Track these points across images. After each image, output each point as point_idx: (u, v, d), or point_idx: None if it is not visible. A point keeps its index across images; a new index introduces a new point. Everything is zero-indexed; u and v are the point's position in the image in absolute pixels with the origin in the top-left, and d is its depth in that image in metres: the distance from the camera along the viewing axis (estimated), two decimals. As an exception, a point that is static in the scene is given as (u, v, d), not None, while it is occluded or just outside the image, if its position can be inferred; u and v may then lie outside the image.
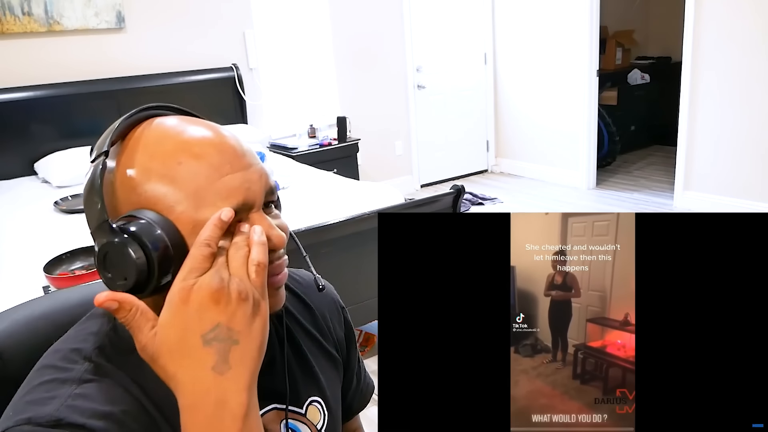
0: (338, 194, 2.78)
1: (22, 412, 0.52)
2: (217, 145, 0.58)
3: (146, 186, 0.56)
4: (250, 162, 0.59)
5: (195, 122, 0.60)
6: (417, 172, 5.15)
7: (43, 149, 3.30)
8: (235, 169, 0.57)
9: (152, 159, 0.57)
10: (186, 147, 0.57)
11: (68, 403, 0.53)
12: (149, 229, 0.54)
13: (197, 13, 3.86)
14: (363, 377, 0.88)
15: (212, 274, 0.53)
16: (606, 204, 4.50)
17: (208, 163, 0.56)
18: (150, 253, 0.53)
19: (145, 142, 0.58)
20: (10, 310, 0.75)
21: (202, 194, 0.56)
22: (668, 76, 5.29)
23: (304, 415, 0.71)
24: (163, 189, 0.56)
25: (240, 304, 0.53)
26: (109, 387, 0.56)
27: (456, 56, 5.19)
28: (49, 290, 1.82)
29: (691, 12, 3.88)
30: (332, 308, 0.81)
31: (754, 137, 3.76)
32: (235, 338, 0.52)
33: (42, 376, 0.56)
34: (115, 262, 0.53)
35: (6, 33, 3.26)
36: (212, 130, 0.60)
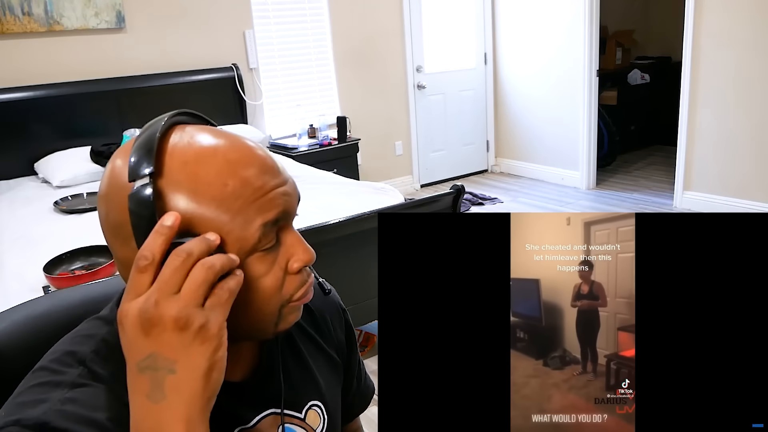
0: (338, 194, 2.78)
1: (13, 413, 0.53)
2: (258, 163, 0.57)
3: (195, 210, 0.53)
4: (286, 177, 0.59)
5: (225, 136, 0.58)
6: (417, 172, 5.15)
7: (43, 149, 3.30)
8: (277, 185, 0.57)
9: (196, 182, 0.53)
10: (230, 168, 0.55)
11: (57, 407, 0.53)
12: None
13: (197, 13, 3.86)
14: (363, 379, 0.87)
15: (144, 299, 0.49)
16: (606, 204, 4.50)
17: (251, 183, 0.55)
18: None
19: (183, 162, 0.54)
20: (10, 310, 0.75)
21: (245, 211, 0.54)
22: (668, 76, 5.29)
23: (304, 419, 0.70)
24: (209, 213, 0.53)
25: (175, 333, 0.48)
26: (100, 393, 0.56)
27: (456, 56, 5.19)
28: (49, 290, 1.82)
29: (691, 12, 3.88)
30: (334, 311, 0.81)
31: (753, 137, 3.76)
32: (171, 367, 0.48)
33: (36, 378, 0.56)
34: None
35: (6, 33, 3.26)
36: (247, 147, 0.58)
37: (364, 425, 0.92)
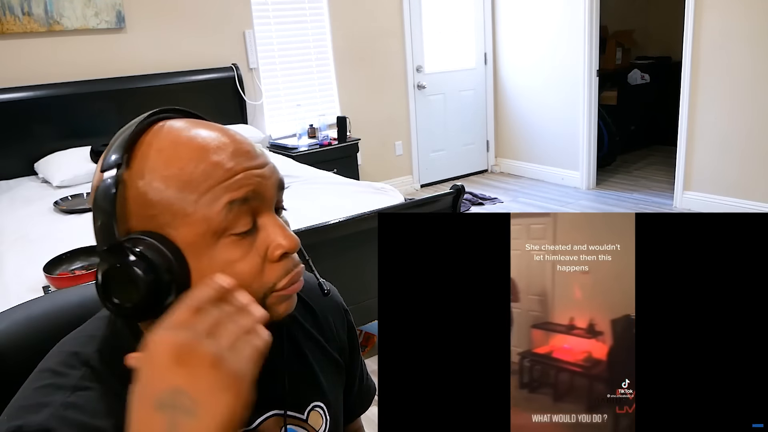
0: (338, 194, 2.78)
1: (16, 418, 0.52)
2: (230, 146, 0.58)
3: (164, 194, 0.55)
4: (263, 161, 0.59)
5: (206, 126, 0.60)
6: (417, 172, 5.15)
7: (43, 149, 3.30)
8: (248, 167, 0.57)
9: (168, 167, 0.55)
10: (202, 152, 0.56)
11: (59, 413, 0.53)
12: (159, 255, 0.53)
13: (197, 13, 3.86)
14: (365, 380, 0.87)
15: (185, 331, 0.47)
16: (606, 204, 4.50)
17: (222, 162, 0.56)
18: (159, 278, 0.53)
19: (158, 150, 0.56)
20: (10, 310, 0.75)
21: (215, 191, 0.55)
22: (668, 76, 5.29)
23: (306, 420, 0.70)
24: (180, 195, 0.55)
25: (210, 371, 0.46)
26: (102, 396, 0.56)
27: (456, 56, 5.19)
28: (49, 290, 1.82)
29: (690, 12, 3.88)
30: (336, 311, 0.81)
31: (754, 137, 3.76)
32: (192, 409, 0.45)
33: (40, 380, 0.56)
34: (120, 283, 0.53)
35: (6, 33, 3.26)
36: (225, 133, 0.59)
37: (364, 425, 0.92)
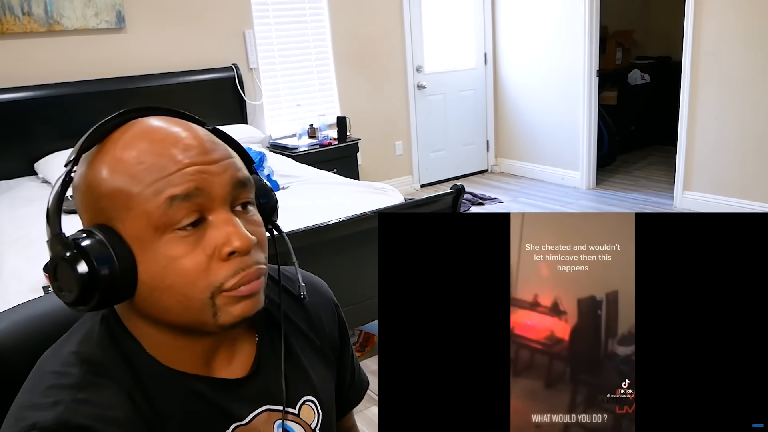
0: (338, 194, 2.78)
1: (25, 419, 0.53)
2: (182, 142, 0.57)
3: (111, 186, 0.56)
4: (214, 158, 0.58)
5: (171, 122, 0.60)
6: (417, 172, 5.15)
7: (43, 149, 3.30)
8: (195, 163, 0.57)
9: (121, 160, 0.56)
10: (152, 146, 0.57)
11: (72, 407, 0.53)
12: (100, 247, 0.55)
13: (197, 13, 3.86)
14: (357, 373, 0.87)
15: None
16: (606, 204, 4.50)
17: (170, 157, 0.56)
18: (96, 270, 0.54)
19: (121, 144, 0.57)
20: (10, 310, 0.75)
21: (158, 185, 0.55)
22: (668, 76, 5.29)
23: (298, 414, 0.71)
24: (125, 188, 0.56)
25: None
26: (107, 390, 0.56)
27: (456, 56, 5.18)
28: (49, 290, 1.81)
29: (691, 12, 3.88)
30: (327, 307, 0.81)
31: (754, 137, 3.76)
32: None
33: (42, 381, 0.56)
34: (63, 273, 0.55)
35: (6, 33, 3.26)
36: (183, 127, 0.59)
37: (364, 425, 0.92)
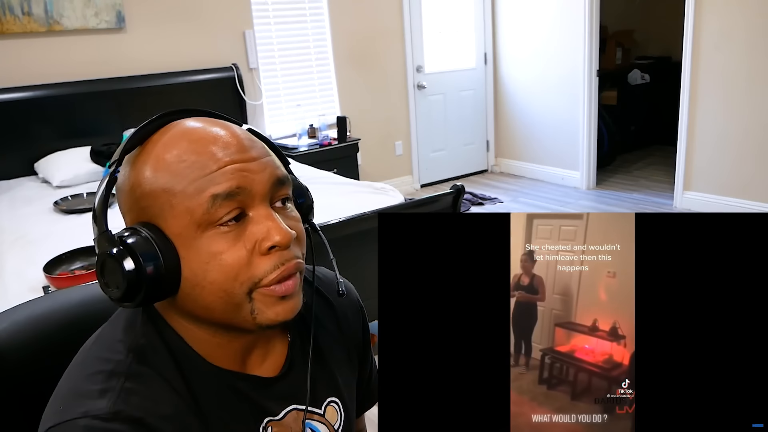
0: (338, 194, 2.78)
1: (75, 406, 0.53)
2: (221, 140, 0.59)
3: (153, 186, 0.57)
4: (253, 155, 0.60)
5: (209, 122, 0.61)
6: (417, 172, 5.15)
7: (43, 149, 3.30)
8: (235, 161, 0.58)
9: (162, 160, 0.58)
10: (192, 145, 0.58)
11: (123, 397, 0.54)
12: (146, 244, 0.56)
13: (197, 13, 3.86)
14: (374, 377, 0.88)
15: None
16: (606, 204, 4.50)
17: (210, 155, 0.57)
18: (143, 267, 0.55)
19: (162, 144, 0.59)
20: (10, 310, 0.75)
21: (199, 183, 0.56)
22: (668, 76, 5.29)
23: (323, 415, 0.71)
24: (167, 186, 0.57)
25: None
26: (154, 383, 0.57)
27: (456, 56, 5.18)
28: (49, 290, 1.82)
29: (690, 12, 3.88)
30: (354, 309, 0.82)
31: (754, 137, 3.76)
32: None
33: (87, 367, 0.58)
34: (110, 270, 0.56)
35: (6, 33, 3.26)
36: (221, 127, 0.61)
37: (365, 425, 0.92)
